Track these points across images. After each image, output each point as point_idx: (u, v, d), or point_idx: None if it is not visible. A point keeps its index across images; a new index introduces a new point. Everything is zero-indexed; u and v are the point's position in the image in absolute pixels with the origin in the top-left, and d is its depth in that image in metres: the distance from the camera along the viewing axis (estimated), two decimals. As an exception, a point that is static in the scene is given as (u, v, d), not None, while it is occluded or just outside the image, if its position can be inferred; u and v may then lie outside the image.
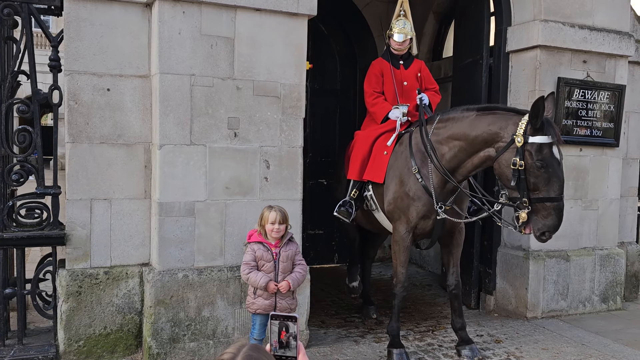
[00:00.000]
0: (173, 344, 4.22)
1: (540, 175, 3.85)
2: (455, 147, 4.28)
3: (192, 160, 4.26)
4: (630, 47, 5.87)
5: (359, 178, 4.78)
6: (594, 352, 4.77)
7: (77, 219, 4.24)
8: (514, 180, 3.91)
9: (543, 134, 3.85)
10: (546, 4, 5.46)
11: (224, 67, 4.30)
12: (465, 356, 4.56)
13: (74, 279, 4.20)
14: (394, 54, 5.10)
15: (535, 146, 3.85)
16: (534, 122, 3.85)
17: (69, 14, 4.15)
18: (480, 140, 4.13)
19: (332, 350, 4.64)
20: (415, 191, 4.39)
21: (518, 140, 3.88)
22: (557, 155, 3.90)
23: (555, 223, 3.92)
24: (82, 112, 4.21)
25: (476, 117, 4.22)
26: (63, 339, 4.19)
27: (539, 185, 3.87)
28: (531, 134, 3.86)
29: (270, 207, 3.85)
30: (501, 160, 4.01)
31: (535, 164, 3.84)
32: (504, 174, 4.01)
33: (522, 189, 3.90)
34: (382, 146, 4.71)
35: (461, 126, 4.27)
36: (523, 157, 3.87)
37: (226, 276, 4.36)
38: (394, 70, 5.05)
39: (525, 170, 3.87)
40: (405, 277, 4.57)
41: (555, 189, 3.87)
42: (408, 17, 5.07)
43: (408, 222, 4.45)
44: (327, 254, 7.72)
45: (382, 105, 4.96)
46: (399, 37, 5.02)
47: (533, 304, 5.59)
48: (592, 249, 5.91)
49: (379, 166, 4.64)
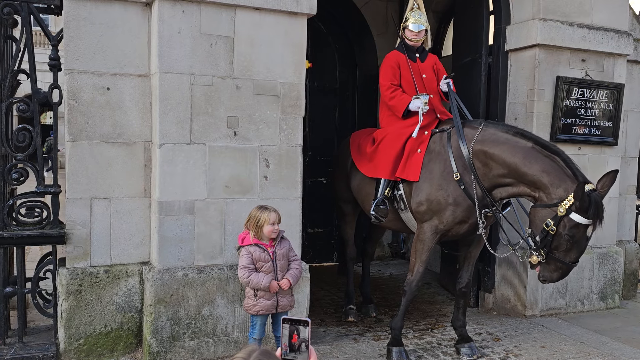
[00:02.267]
0: (173, 343, 4.23)
1: (565, 244, 3.95)
2: (497, 171, 4.20)
3: (192, 159, 4.27)
4: (629, 45, 5.88)
5: (392, 177, 4.66)
6: (593, 350, 4.79)
7: (77, 218, 4.25)
8: (540, 236, 4.00)
9: (586, 217, 3.85)
10: (545, 3, 5.47)
11: (224, 66, 4.31)
12: (464, 354, 4.58)
13: (74, 278, 4.21)
14: (410, 47, 4.98)
15: (573, 223, 3.88)
16: (583, 205, 3.82)
17: (69, 13, 4.16)
18: (527, 180, 4.09)
19: (332, 349, 4.66)
20: (455, 197, 4.32)
21: (560, 210, 3.89)
22: (589, 234, 3.98)
23: (558, 279, 4.15)
24: (82, 111, 4.21)
25: (532, 150, 4.10)
26: (63, 337, 4.21)
27: (560, 248, 3.97)
28: (575, 210, 3.86)
29: (265, 208, 3.83)
30: (537, 212, 4.04)
31: (565, 236, 3.92)
32: (535, 224, 4.07)
33: (544, 245, 3.99)
34: (416, 144, 4.60)
35: (513, 154, 4.13)
36: (558, 224, 3.91)
37: (226, 275, 4.37)
38: (411, 63, 4.92)
39: (554, 235, 3.94)
40: (422, 276, 4.54)
41: (572, 257, 4.01)
42: (422, 10, 5.01)
43: (440, 224, 4.38)
44: (326, 252, 7.74)
45: (401, 97, 4.80)
46: (414, 26, 4.92)
47: (532, 302, 5.61)
48: (590, 247, 5.88)
49: (414, 165, 4.52)
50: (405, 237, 8.24)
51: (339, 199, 5.69)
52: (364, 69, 7.78)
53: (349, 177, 5.37)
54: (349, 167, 5.36)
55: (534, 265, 4.12)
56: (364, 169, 5.03)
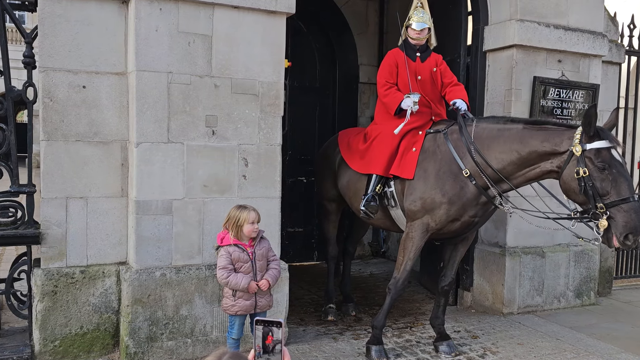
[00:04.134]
0: (151, 343, 4.20)
1: (605, 177, 3.82)
2: (502, 160, 4.23)
3: (170, 158, 4.24)
4: (604, 47, 5.97)
5: (385, 173, 4.66)
6: (568, 347, 4.86)
7: (52, 218, 4.19)
8: (581, 190, 3.89)
9: (600, 139, 3.86)
10: (522, 4, 5.53)
11: (202, 65, 4.28)
12: (442, 352, 4.61)
13: (50, 279, 4.15)
14: (411, 45, 4.98)
15: (594, 151, 3.85)
16: (587, 129, 3.86)
17: (44, 10, 4.10)
18: (535, 156, 4.12)
19: (311, 348, 4.66)
20: (451, 196, 4.33)
21: (576, 150, 3.88)
22: (619, 158, 3.89)
23: (636, 224, 3.76)
24: (57, 110, 4.15)
25: (524, 130, 4.19)
26: (38, 339, 4.15)
27: (607, 188, 3.82)
28: (587, 141, 3.87)
29: (244, 207, 3.81)
30: (565, 177, 3.99)
31: (597, 167, 3.83)
32: (571, 188, 3.98)
33: (591, 196, 3.86)
34: (411, 142, 4.62)
35: (508, 140, 4.21)
36: (585, 164, 3.86)
37: (204, 274, 4.35)
38: (409, 62, 4.92)
39: (590, 177, 3.84)
40: (409, 275, 4.54)
41: (624, 189, 3.80)
42: (425, 9, 5.01)
43: (432, 222, 4.39)
44: (306, 251, 7.75)
45: (394, 95, 4.81)
46: (417, 25, 4.91)
47: (509, 300, 5.67)
48: (566, 245, 6.00)
49: (409, 162, 4.53)
50: (386, 236, 8.28)
51: (324, 198, 5.69)
52: (345, 67, 7.79)
53: (337, 174, 5.37)
54: (337, 165, 5.36)
55: (608, 231, 3.82)
56: (355, 166, 5.04)
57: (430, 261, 6.33)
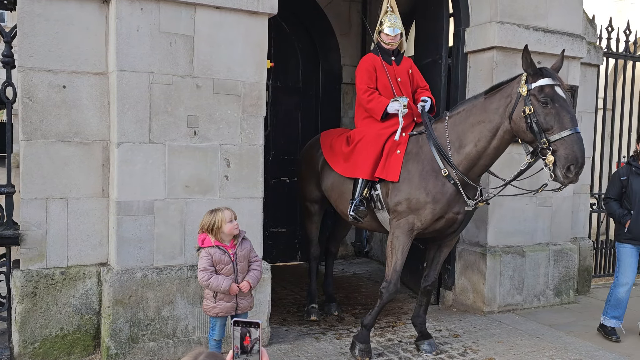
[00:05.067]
0: (132, 344, 4.18)
1: (548, 112, 3.93)
2: (475, 138, 4.31)
3: (151, 159, 4.22)
4: (582, 49, 6.07)
5: (371, 177, 4.68)
6: (547, 345, 4.93)
7: (32, 219, 4.15)
8: (527, 126, 3.99)
9: (542, 77, 3.98)
10: (502, 6, 5.60)
11: (184, 65, 4.28)
12: (424, 351, 4.65)
13: (29, 280, 4.12)
14: (385, 50, 5.01)
15: (537, 88, 3.97)
16: (528, 70, 4.02)
17: (23, 9, 4.06)
18: (499, 116, 4.20)
19: (293, 348, 4.67)
20: (434, 194, 4.37)
21: (523, 90, 4.02)
22: (562, 94, 3.98)
23: (576, 155, 3.84)
24: (36, 110, 4.12)
25: (486, 99, 4.32)
26: (18, 341, 4.11)
27: (551, 122, 3.91)
28: (532, 81, 4.00)
29: (216, 210, 3.79)
30: (515, 118, 4.09)
31: (540, 102, 3.94)
32: (520, 128, 4.07)
33: (536, 132, 3.96)
34: (395, 145, 4.64)
35: (476, 114, 4.32)
36: (530, 102, 3.98)
37: (186, 275, 4.34)
38: (387, 66, 4.95)
39: (534, 113, 3.95)
40: (399, 275, 4.55)
41: (567, 122, 3.89)
42: (396, 13, 5.03)
43: (418, 222, 4.42)
44: (289, 251, 7.75)
45: (378, 100, 4.82)
46: (390, 30, 4.94)
47: (490, 299, 5.74)
48: (546, 244, 6.09)
49: (394, 165, 4.56)
50: (369, 236, 8.31)
51: (306, 199, 5.69)
52: (328, 68, 7.81)
53: (320, 176, 5.37)
54: (321, 167, 5.36)
55: (555, 165, 3.90)
56: (339, 169, 5.04)
57: (413, 261, 6.35)
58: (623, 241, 5.14)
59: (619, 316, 5.16)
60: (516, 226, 5.92)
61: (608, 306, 5.23)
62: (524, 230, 5.96)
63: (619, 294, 5.14)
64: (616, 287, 5.17)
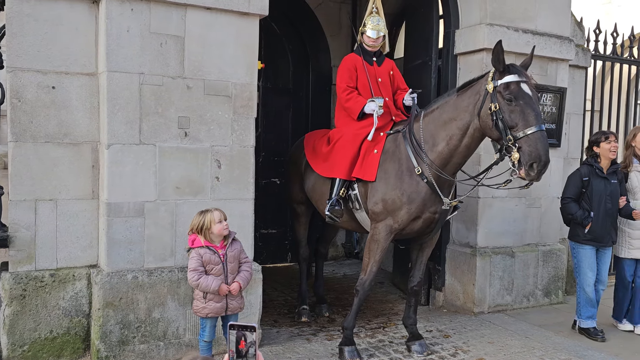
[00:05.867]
0: (122, 347, 4.15)
1: (513, 110, 3.92)
2: (447, 136, 4.30)
3: (142, 160, 4.20)
4: (571, 51, 6.12)
5: (348, 177, 4.69)
6: (537, 345, 4.97)
7: (20, 221, 4.12)
8: (493, 124, 4.00)
9: (509, 74, 3.99)
10: (492, 9, 5.64)
11: (174, 66, 4.26)
12: (414, 351, 4.67)
13: (18, 282, 4.08)
14: (367, 50, 5.04)
15: (503, 85, 3.97)
16: (497, 66, 4.02)
17: (12, 8, 4.02)
18: (468, 115, 4.19)
19: (285, 349, 4.67)
20: (409, 194, 4.37)
21: (489, 87, 4.02)
22: (528, 91, 3.97)
23: (539, 152, 3.83)
24: (25, 110, 4.08)
25: (458, 97, 4.32)
26: (6, 344, 4.07)
27: (516, 120, 3.91)
28: (499, 77, 4.01)
29: (205, 211, 3.79)
30: (482, 115, 4.09)
31: (505, 100, 3.94)
32: (487, 125, 4.07)
33: (502, 129, 3.96)
34: (372, 144, 4.65)
35: (448, 112, 4.32)
36: (496, 99, 3.99)
37: (177, 277, 4.32)
38: (367, 66, 4.98)
39: (499, 110, 3.96)
40: (375, 276, 4.58)
41: (531, 119, 3.88)
42: (380, 15, 5.05)
43: (395, 223, 4.43)
44: (280, 253, 7.75)
45: (356, 100, 4.86)
46: (372, 33, 4.97)
47: (480, 299, 5.76)
48: (535, 245, 6.13)
49: (370, 164, 4.57)
50: (359, 237, 8.32)
51: (293, 200, 5.69)
52: (318, 69, 7.82)
53: (303, 177, 5.38)
54: (304, 168, 5.37)
55: (519, 162, 3.89)
56: (319, 169, 5.05)
57: (403, 261, 6.40)
58: (582, 242, 5.14)
59: (593, 315, 5.21)
60: (506, 227, 5.96)
61: (580, 307, 5.25)
62: (513, 231, 6.00)
63: (587, 294, 5.16)
64: (583, 288, 5.17)
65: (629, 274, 5.36)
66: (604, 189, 5.10)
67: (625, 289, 5.39)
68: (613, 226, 5.19)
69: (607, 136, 5.14)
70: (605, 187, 5.10)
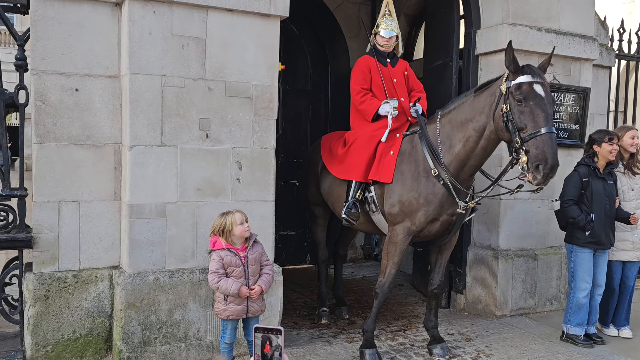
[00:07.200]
0: (144, 348, 4.17)
1: (522, 110, 3.87)
2: (464, 138, 4.25)
3: (163, 162, 4.22)
4: (595, 50, 6.02)
5: (364, 179, 4.66)
6: (561, 349, 4.89)
7: (44, 222, 4.15)
8: (504, 124, 3.95)
9: (522, 75, 3.93)
10: (514, 8, 5.57)
11: (196, 68, 4.27)
12: (436, 355, 4.62)
13: (42, 283, 4.11)
14: (380, 52, 5.04)
15: (515, 86, 3.92)
16: (510, 67, 3.98)
17: (36, 12, 4.07)
18: (484, 117, 4.13)
19: (305, 351, 4.65)
20: (426, 195, 4.33)
21: (502, 88, 3.98)
22: (540, 92, 3.90)
23: (546, 155, 3.75)
24: (49, 113, 4.12)
25: (475, 98, 4.27)
26: (30, 344, 4.10)
27: (526, 121, 3.85)
28: (512, 78, 3.96)
29: (227, 213, 3.79)
30: (495, 116, 4.05)
31: (516, 100, 3.89)
32: (499, 127, 4.02)
33: (512, 130, 3.91)
34: (388, 146, 4.62)
35: (465, 113, 4.28)
36: (508, 100, 3.94)
37: (198, 278, 4.33)
38: (382, 68, 4.97)
39: (510, 111, 3.91)
40: (394, 278, 4.54)
41: (540, 121, 3.82)
42: (393, 16, 5.05)
43: (412, 225, 4.38)
44: (299, 255, 7.74)
45: (370, 102, 4.86)
46: (386, 32, 4.97)
47: (502, 303, 5.69)
48: (558, 247, 6.03)
49: (387, 166, 4.54)
50: (378, 239, 8.27)
51: (310, 202, 5.69)
52: (337, 71, 7.80)
53: (319, 180, 5.36)
54: (320, 170, 5.36)
55: (526, 165, 3.83)
56: (335, 171, 5.03)
57: (423, 263, 6.35)
58: (582, 245, 4.96)
59: (583, 322, 5.00)
60: (528, 229, 5.88)
61: (570, 313, 5.04)
62: (536, 233, 5.92)
63: (579, 299, 4.96)
64: (575, 293, 4.97)
65: (616, 277, 5.24)
66: (603, 190, 4.96)
67: (611, 292, 5.25)
68: (611, 228, 5.03)
69: (611, 137, 4.97)
70: (604, 188, 4.97)
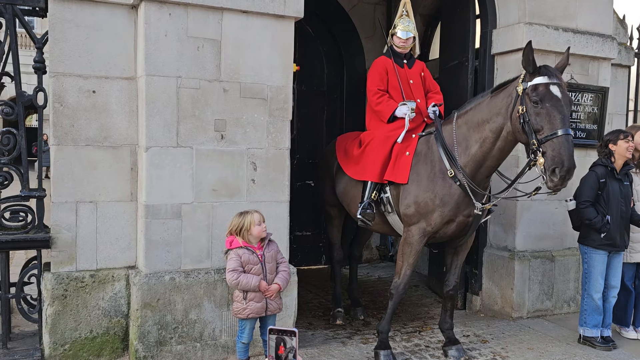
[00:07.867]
0: (160, 347, 4.20)
1: (539, 112, 3.83)
2: (480, 139, 4.23)
3: (179, 163, 4.25)
4: (613, 49, 5.94)
5: (380, 179, 4.66)
6: (579, 352, 4.83)
7: (62, 222, 4.21)
8: (521, 126, 3.92)
9: (539, 76, 3.90)
10: (530, 7, 5.52)
11: (211, 69, 4.30)
12: (452, 356, 4.59)
13: (60, 283, 4.17)
14: (397, 53, 5.03)
15: (531, 87, 3.89)
16: (527, 68, 3.94)
17: (54, 15, 4.12)
18: (501, 118, 4.11)
19: (320, 352, 4.65)
20: (442, 196, 4.31)
21: (519, 89, 3.95)
22: (557, 93, 3.86)
23: (562, 157, 3.71)
24: (67, 114, 4.18)
25: (491, 98, 4.25)
26: (48, 342, 4.16)
27: (542, 123, 3.82)
28: (529, 79, 3.93)
29: (245, 213, 3.82)
30: (512, 118, 4.02)
31: (532, 102, 3.86)
32: (516, 128, 3.98)
33: (529, 132, 3.88)
34: (404, 146, 4.61)
35: (481, 114, 4.26)
36: (524, 101, 3.92)
37: (213, 278, 4.35)
38: (398, 69, 4.96)
39: (526, 113, 3.88)
40: (409, 279, 4.53)
41: (556, 123, 3.78)
42: (411, 17, 5.04)
43: (428, 226, 4.37)
44: (314, 255, 7.74)
45: (387, 103, 4.85)
46: (403, 33, 4.96)
47: (518, 304, 5.64)
48: (576, 249, 5.94)
49: (402, 167, 4.53)
50: (394, 240, 8.25)
51: (325, 202, 5.69)
52: (352, 71, 7.79)
53: (335, 180, 5.36)
54: (335, 171, 5.36)
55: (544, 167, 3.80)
56: (350, 172, 5.02)
57: (438, 264, 6.31)
58: (597, 247, 4.88)
59: (598, 324, 4.94)
60: (545, 230, 5.82)
61: (585, 315, 4.97)
62: (553, 234, 5.86)
63: (594, 301, 4.89)
64: (590, 295, 4.91)
65: (629, 278, 5.18)
66: (619, 191, 4.89)
67: (628, 293, 5.19)
68: (626, 229, 4.97)
69: (626, 134, 4.92)
70: (620, 189, 4.90)
